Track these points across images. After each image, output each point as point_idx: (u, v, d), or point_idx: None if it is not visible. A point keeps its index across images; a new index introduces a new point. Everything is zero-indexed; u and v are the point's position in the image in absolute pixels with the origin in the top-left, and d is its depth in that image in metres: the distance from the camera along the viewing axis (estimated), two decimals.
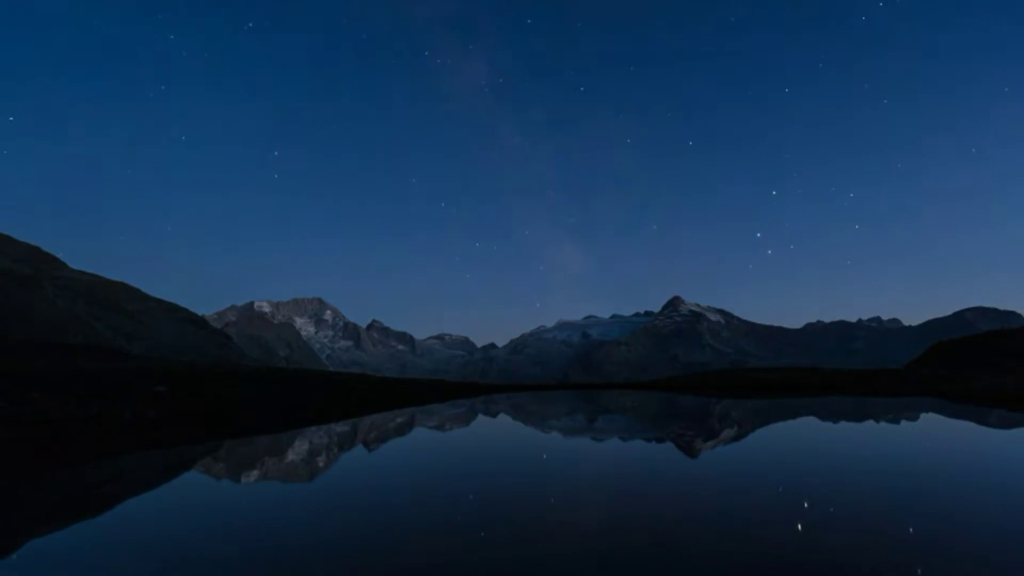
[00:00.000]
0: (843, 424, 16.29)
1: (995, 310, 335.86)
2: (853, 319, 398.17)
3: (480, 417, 21.95)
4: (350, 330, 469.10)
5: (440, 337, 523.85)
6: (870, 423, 16.42)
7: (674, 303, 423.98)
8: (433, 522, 5.40)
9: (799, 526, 4.99)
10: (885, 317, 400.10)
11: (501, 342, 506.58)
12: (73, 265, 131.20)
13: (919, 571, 3.83)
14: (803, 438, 12.99)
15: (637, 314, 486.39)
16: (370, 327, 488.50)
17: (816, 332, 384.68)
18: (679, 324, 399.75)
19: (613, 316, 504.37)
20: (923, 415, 19.62)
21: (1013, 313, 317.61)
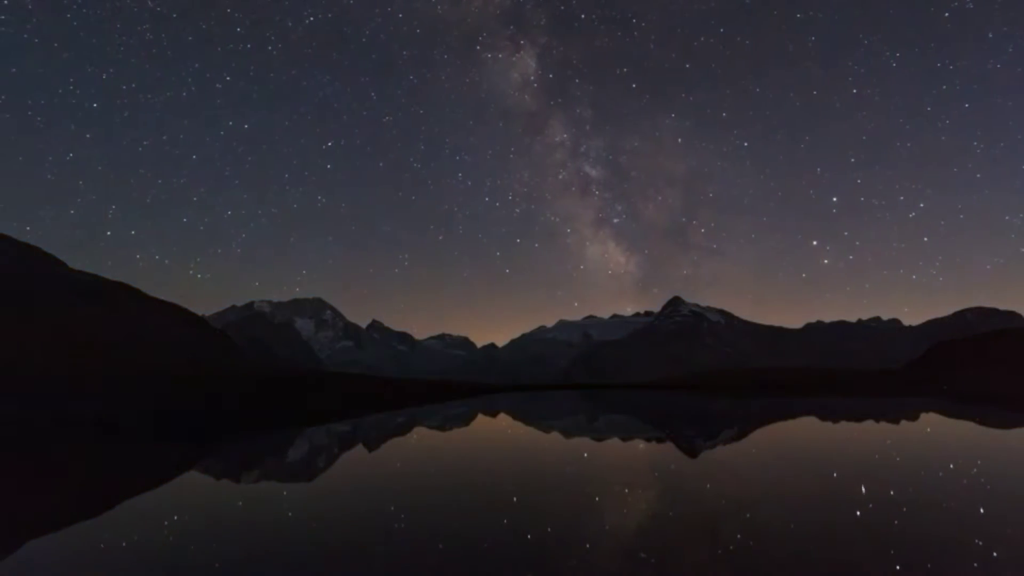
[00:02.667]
0: (843, 425, 16.28)
1: (995, 310, 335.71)
2: (853, 319, 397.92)
3: (480, 418, 21.94)
4: (350, 330, 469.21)
5: (440, 337, 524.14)
6: (870, 423, 16.42)
7: (674, 303, 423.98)
8: (433, 522, 5.41)
9: (798, 529, 5.00)
10: (885, 317, 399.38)
11: (502, 342, 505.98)
12: (73, 265, 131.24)
13: (921, 572, 3.83)
14: (803, 440, 12.98)
15: (637, 314, 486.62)
16: (370, 327, 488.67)
17: (816, 332, 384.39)
18: (679, 324, 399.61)
19: (613, 316, 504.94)
20: (923, 415, 19.62)
21: (1013, 313, 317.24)
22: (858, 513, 5.41)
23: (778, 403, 26.91)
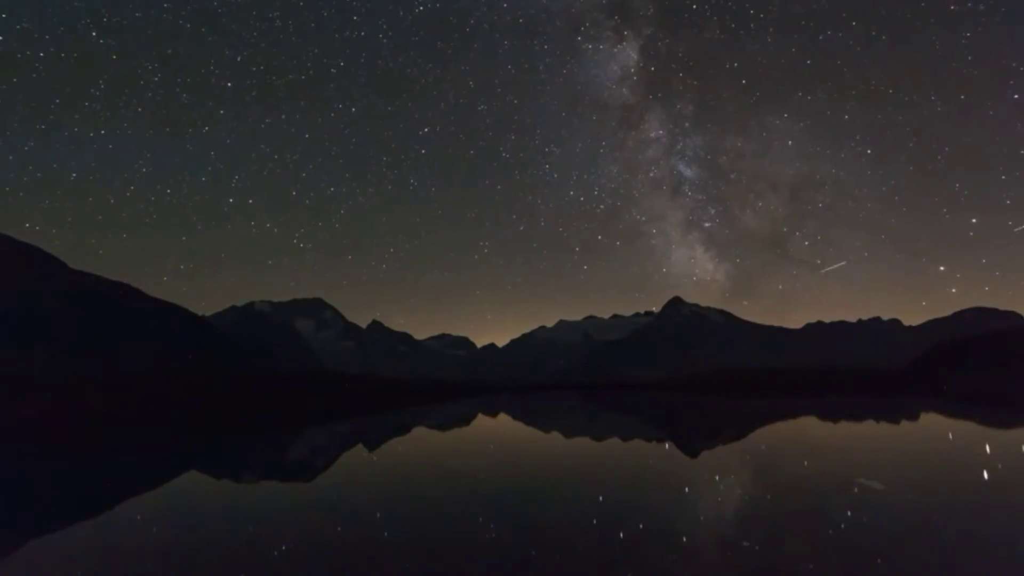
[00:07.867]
0: (843, 425, 16.26)
1: (995, 310, 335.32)
2: (853, 319, 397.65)
3: (481, 418, 21.92)
4: (350, 330, 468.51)
5: (440, 337, 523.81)
6: (870, 423, 16.39)
7: (674, 303, 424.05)
8: (434, 523, 5.41)
9: (798, 531, 5.00)
10: (885, 317, 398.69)
11: (502, 342, 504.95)
12: (73, 266, 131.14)
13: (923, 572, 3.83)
14: (804, 441, 12.96)
15: (637, 314, 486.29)
16: (370, 327, 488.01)
17: (816, 332, 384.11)
18: (679, 324, 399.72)
19: (613, 316, 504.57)
20: (923, 415, 19.59)
21: (1013, 313, 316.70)
22: (858, 514, 5.41)
23: (778, 403, 26.89)
